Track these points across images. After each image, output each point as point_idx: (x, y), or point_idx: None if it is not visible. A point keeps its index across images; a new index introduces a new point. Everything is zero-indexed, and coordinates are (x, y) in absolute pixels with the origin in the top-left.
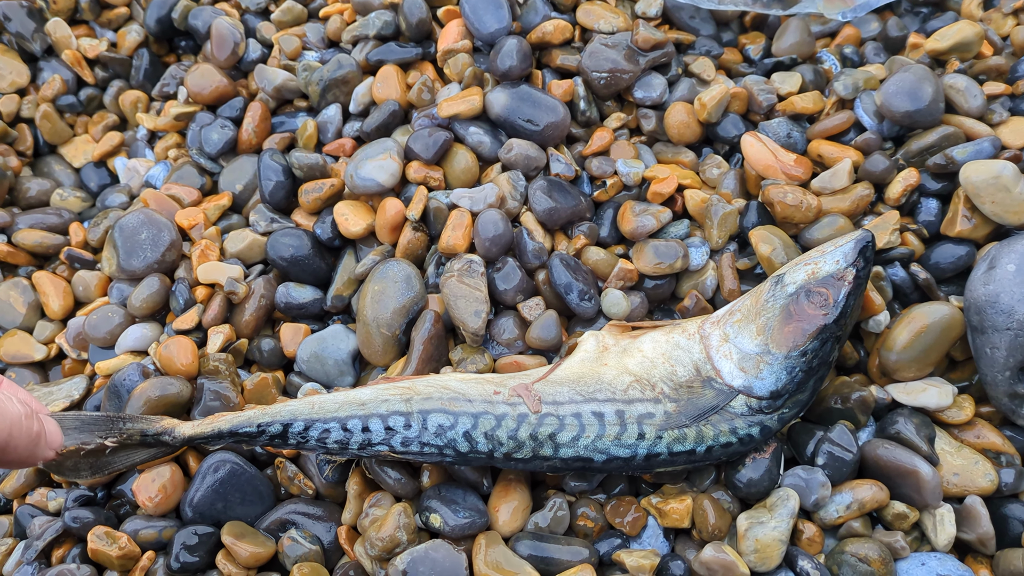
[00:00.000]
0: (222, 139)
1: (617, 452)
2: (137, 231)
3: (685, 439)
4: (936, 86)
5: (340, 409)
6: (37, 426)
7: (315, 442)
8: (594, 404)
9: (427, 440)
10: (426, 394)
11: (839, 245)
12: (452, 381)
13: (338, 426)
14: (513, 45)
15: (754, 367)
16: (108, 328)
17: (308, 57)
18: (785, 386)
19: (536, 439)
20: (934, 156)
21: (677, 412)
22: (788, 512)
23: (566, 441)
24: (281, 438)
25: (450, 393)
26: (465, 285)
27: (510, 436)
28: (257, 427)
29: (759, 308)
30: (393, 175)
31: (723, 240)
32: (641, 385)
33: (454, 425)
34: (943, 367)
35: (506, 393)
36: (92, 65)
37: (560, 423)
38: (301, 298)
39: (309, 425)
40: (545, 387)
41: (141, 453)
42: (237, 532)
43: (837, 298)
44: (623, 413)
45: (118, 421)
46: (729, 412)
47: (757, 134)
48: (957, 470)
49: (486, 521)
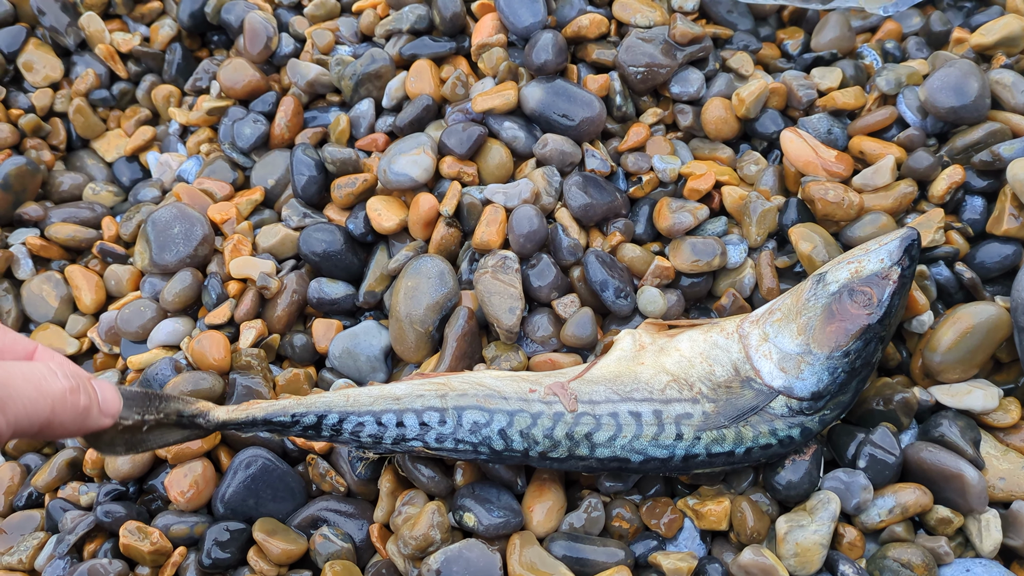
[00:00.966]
0: (255, 133)
1: (654, 453)
2: (170, 225)
3: (724, 440)
4: (982, 81)
5: (375, 403)
6: (85, 400)
7: (349, 435)
8: (631, 404)
9: (462, 437)
10: (461, 390)
11: (884, 243)
12: (487, 378)
13: (373, 420)
14: (548, 39)
15: (795, 367)
16: (140, 322)
17: (341, 51)
18: (827, 387)
19: (572, 438)
20: (980, 153)
21: (715, 413)
22: (829, 515)
23: (603, 441)
24: (315, 429)
25: (485, 390)
26: (499, 281)
27: (546, 435)
28: (291, 416)
29: (800, 307)
30: (426, 170)
31: (762, 238)
32: (679, 385)
33: (489, 423)
34: (988, 369)
35: (542, 391)
36: (125, 59)
37: (597, 423)
38: (333, 293)
39: (344, 418)
40: (581, 386)
41: (175, 434)
42: (269, 529)
43: (882, 297)
44: (660, 413)
45: (156, 399)
46: (769, 413)
47: (797, 130)
48: (1003, 474)
49: (520, 521)
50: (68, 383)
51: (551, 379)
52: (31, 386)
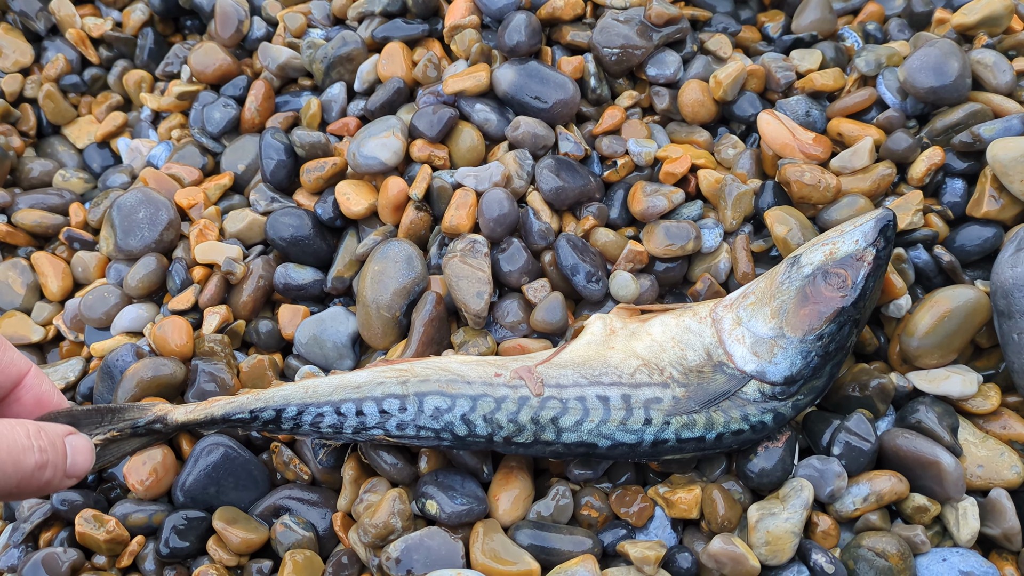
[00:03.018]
0: (224, 118)
1: (622, 437)
2: (135, 210)
3: (694, 425)
4: (963, 61)
5: (334, 393)
6: (49, 475)
7: (309, 427)
8: (599, 388)
9: (423, 423)
10: (423, 376)
11: (858, 224)
12: (452, 363)
13: (332, 410)
14: (521, 20)
15: (768, 351)
16: (104, 309)
17: (313, 35)
18: (800, 371)
19: (538, 423)
20: (960, 134)
21: (686, 397)
22: (801, 503)
23: (569, 425)
24: (275, 423)
25: (448, 375)
26: (468, 266)
27: (510, 419)
28: (250, 413)
29: (774, 290)
30: (396, 153)
31: (737, 221)
32: (649, 369)
33: (451, 408)
34: (968, 354)
35: (507, 375)
36: (96, 44)
37: (563, 407)
38: (300, 279)
39: (302, 410)
40: (548, 370)
41: (133, 443)
42: (229, 517)
43: (856, 279)
44: (629, 397)
45: (108, 414)
46: (741, 398)
47: (774, 112)
48: (981, 462)
49: (485, 509)
50: (38, 458)
51: (518, 363)
52: (10, 460)
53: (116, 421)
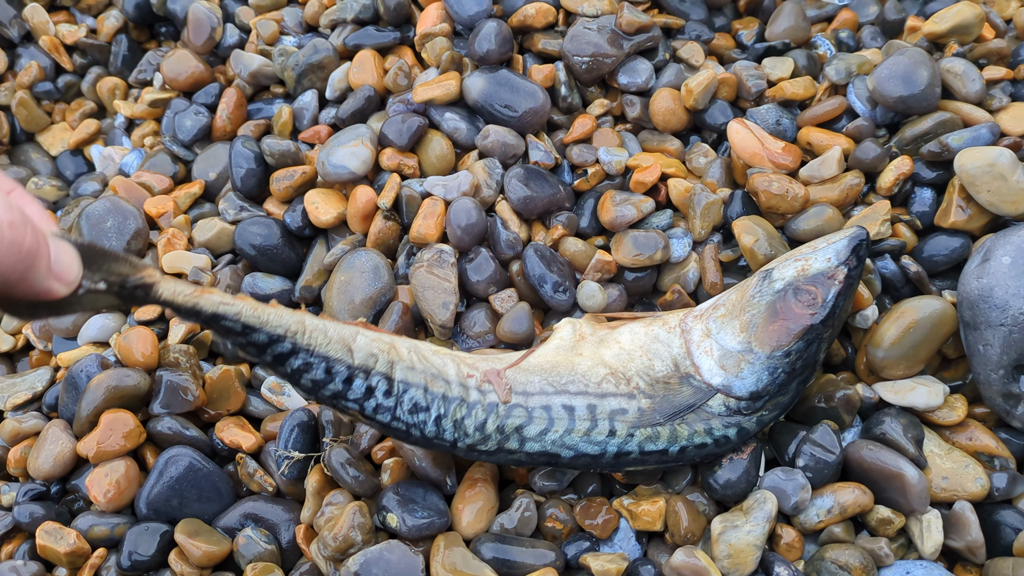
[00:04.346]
0: (196, 126)
1: (585, 449)
2: (103, 219)
3: (658, 438)
4: (932, 70)
5: (330, 347)
6: (31, 240)
7: (291, 370)
8: (565, 396)
9: (399, 415)
10: (409, 362)
11: (832, 242)
12: (429, 353)
13: (323, 367)
14: (492, 28)
15: (735, 365)
16: (71, 318)
17: (286, 42)
18: (766, 387)
19: (503, 432)
20: (929, 143)
21: (651, 409)
22: (764, 516)
23: (533, 435)
24: (258, 350)
25: (431, 369)
26: (434, 276)
27: (477, 428)
28: (242, 326)
29: (744, 304)
30: (365, 162)
31: (706, 231)
32: (616, 378)
33: (428, 408)
34: (935, 365)
35: (478, 377)
36: (70, 51)
37: (528, 416)
38: (268, 288)
39: (295, 351)
40: (516, 375)
41: (105, 300)
42: (191, 530)
43: (826, 297)
44: (595, 408)
45: (103, 257)
46: (706, 411)
47: (744, 121)
48: (946, 474)
49: (446, 522)
50: (8, 215)
51: (488, 364)
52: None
53: (108, 270)
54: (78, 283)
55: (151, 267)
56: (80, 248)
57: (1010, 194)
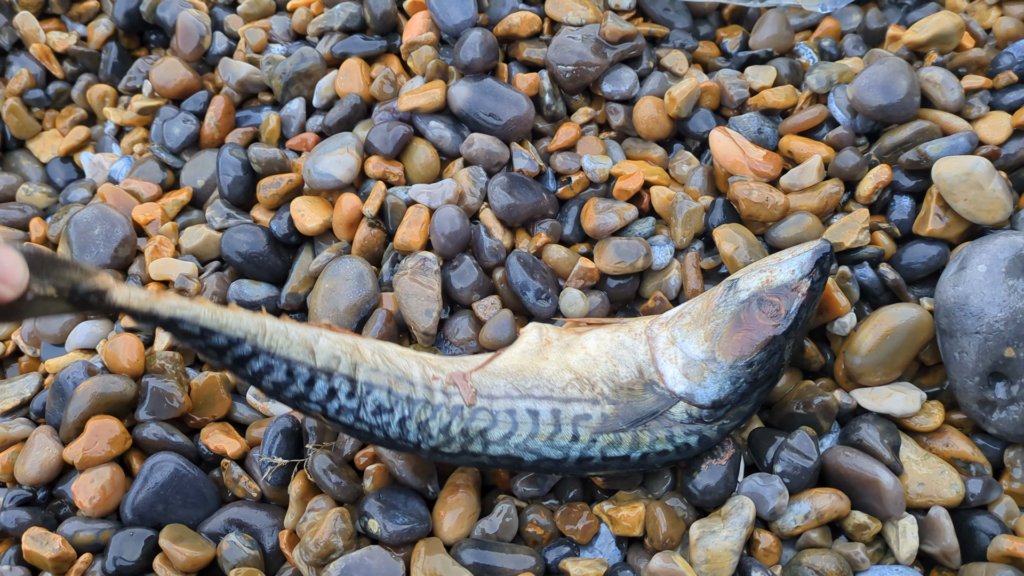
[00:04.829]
0: (184, 133)
1: (548, 453)
2: (91, 226)
3: (620, 444)
4: (911, 79)
5: (292, 349)
6: None
7: (252, 372)
8: (530, 401)
9: (363, 416)
10: (372, 364)
11: (796, 254)
12: (394, 355)
13: (284, 369)
14: (477, 37)
15: (698, 374)
16: (59, 325)
17: (274, 50)
18: (728, 396)
19: (467, 435)
20: (907, 152)
21: (615, 415)
22: (741, 521)
23: (497, 439)
24: (218, 353)
25: (396, 371)
26: (417, 283)
27: (441, 430)
28: (199, 329)
29: (709, 313)
30: (350, 170)
31: (688, 239)
32: (580, 384)
33: (392, 409)
34: (913, 371)
35: (444, 379)
36: (61, 59)
37: (493, 419)
38: (254, 295)
39: (255, 353)
40: (482, 378)
41: (58, 306)
42: (175, 535)
43: (789, 309)
44: (559, 413)
45: (51, 264)
46: (668, 419)
47: (726, 129)
48: (922, 479)
49: (427, 527)
50: None
51: (454, 367)
52: None
53: (57, 276)
54: (24, 288)
55: (104, 273)
56: (27, 254)
57: (986, 203)
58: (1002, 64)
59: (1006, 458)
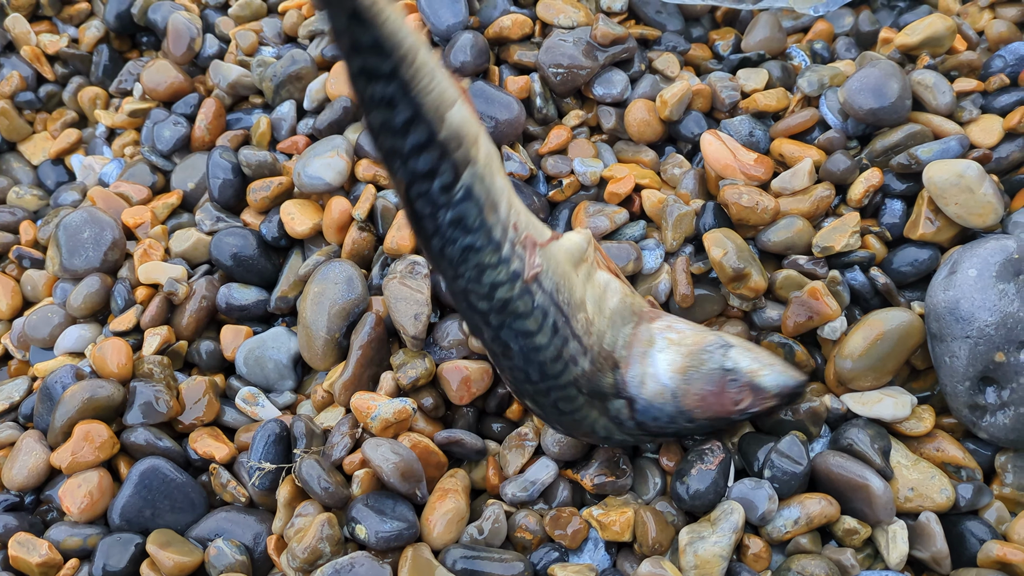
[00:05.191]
0: (174, 136)
1: (532, 371)
2: (80, 230)
3: (572, 401)
4: (903, 82)
5: (427, 97)
6: None
7: (371, 96)
8: (558, 315)
9: (439, 218)
10: (481, 170)
11: (787, 373)
12: (496, 169)
13: (408, 113)
14: (467, 40)
15: (653, 393)
16: (48, 328)
17: (265, 53)
18: (656, 428)
19: (503, 307)
20: (899, 155)
21: (584, 376)
22: (731, 527)
23: (517, 329)
24: (353, 50)
25: (494, 193)
26: (406, 287)
27: (489, 283)
28: (352, 16)
29: (695, 352)
30: (340, 173)
31: (678, 242)
32: (585, 327)
33: (470, 231)
34: (904, 375)
35: (521, 235)
36: (52, 61)
37: (530, 310)
38: (243, 299)
39: (392, 76)
40: (546, 260)
41: None
42: (163, 540)
43: (747, 408)
44: (566, 343)
45: None
46: (606, 404)
47: (717, 132)
48: (913, 484)
49: (415, 532)
50: None
51: (530, 227)
52: None
53: None
54: None
55: None
56: None
57: (977, 207)
58: (994, 67)
59: (997, 463)
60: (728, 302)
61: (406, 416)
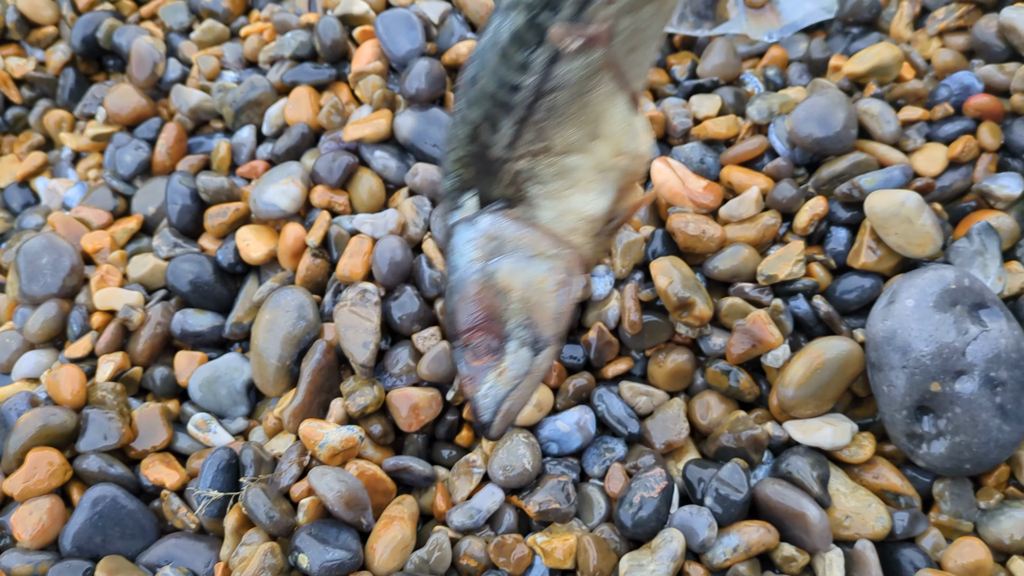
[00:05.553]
0: (135, 160)
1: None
2: (39, 256)
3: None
4: (848, 112)
5: None
6: None
7: None
8: (568, 159)
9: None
10: None
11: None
12: None
13: None
14: (423, 67)
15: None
16: (6, 354)
17: (226, 77)
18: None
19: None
20: (843, 184)
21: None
22: (669, 555)
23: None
24: None
25: None
26: (356, 315)
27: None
28: None
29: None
30: (295, 200)
31: (627, 269)
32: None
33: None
34: (846, 403)
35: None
36: (19, 84)
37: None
38: (198, 325)
39: None
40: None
41: None
42: (112, 567)
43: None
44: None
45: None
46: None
47: (667, 159)
48: (850, 512)
49: (358, 561)
50: None
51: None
52: None
53: None
54: None
55: None
56: None
57: (916, 237)
58: (939, 96)
59: (935, 490)
60: (676, 329)
61: (353, 444)
